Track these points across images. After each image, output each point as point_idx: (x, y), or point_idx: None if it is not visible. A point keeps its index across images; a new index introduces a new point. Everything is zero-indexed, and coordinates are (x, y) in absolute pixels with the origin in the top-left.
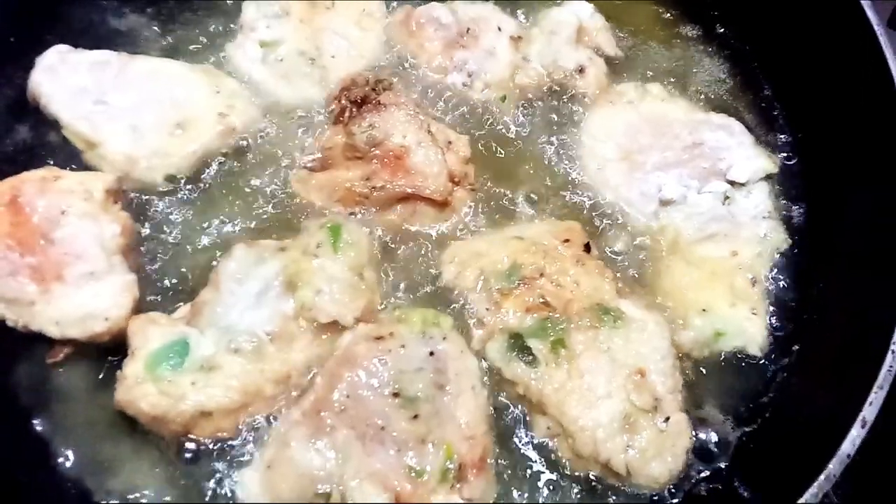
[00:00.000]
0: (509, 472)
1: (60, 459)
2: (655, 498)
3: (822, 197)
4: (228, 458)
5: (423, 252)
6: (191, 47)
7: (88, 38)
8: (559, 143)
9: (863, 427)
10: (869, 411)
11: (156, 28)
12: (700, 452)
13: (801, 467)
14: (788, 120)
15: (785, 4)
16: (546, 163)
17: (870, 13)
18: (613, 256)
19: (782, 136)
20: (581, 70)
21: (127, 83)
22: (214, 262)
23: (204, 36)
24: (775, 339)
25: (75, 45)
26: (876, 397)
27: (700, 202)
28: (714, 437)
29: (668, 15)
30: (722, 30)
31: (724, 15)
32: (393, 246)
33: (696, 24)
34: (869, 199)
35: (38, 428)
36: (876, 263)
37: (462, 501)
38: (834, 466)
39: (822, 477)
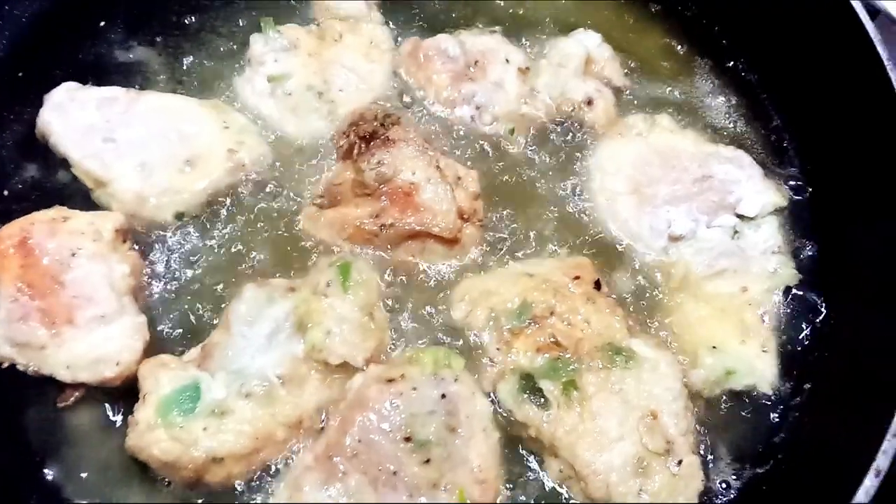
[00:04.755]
0: None
1: None
2: None
3: (833, 230)
4: (241, 503)
5: (432, 290)
6: (198, 81)
7: (96, 71)
8: (568, 176)
9: (876, 476)
10: (882, 460)
11: (163, 61)
12: (711, 494)
13: None
14: (798, 152)
15: (795, 36)
16: (555, 196)
17: (880, 48)
18: (623, 293)
19: (792, 169)
20: (589, 102)
21: (135, 120)
22: (223, 298)
23: (211, 69)
24: (786, 378)
25: (82, 80)
26: (889, 445)
27: (709, 237)
28: (726, 479)
29: (677, 45)
30: (731, 61)
31: (734, 46)
32: (403, 284)
33: (706, 54)
34: (880, 233)
35: (50, 475)
36: (888, 299)
37: None
38: None
39: None
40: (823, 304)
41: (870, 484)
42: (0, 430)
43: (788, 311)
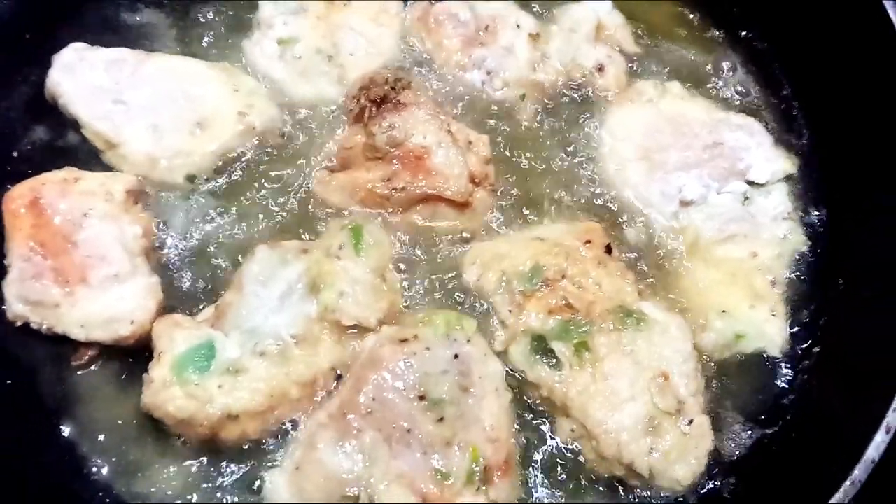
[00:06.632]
0: (533, 473)
1: (90, 465)
2: (679, 500)
3: (842, 197)
4: (255, 460)
5: (444, 253)
6: (206, 43)
7: (102, 33)
8: (579, 142)
9: (887, 433)
10: (893, 417)
11: (170, 23)
12: (722, 454)
13: (825, 472)
14: (808, 120)
15: (808, 6)
16: (566, 162)
17: (892, 13)
18: (634, 257)
19: (802, 137)
20: (600, 68)
21: (144, 82)
22: (235, 260)
23: (220, 32)
24: (795, 341)
25: (90, 41)
26: None
27: (720, 202)
28: (736, 439)
29: (689, 14)
30: (743, 31)
31: (746, 14)
32: (414, 247)
33: (718, 23)
34: (888, 199)
35: (65, 432)
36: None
37: (488, 503)
38: (859, 472)
39: (847, 482)
40: (832, 269)
41: (881, 440)
42: (15, 389)
43: (798, 275)
